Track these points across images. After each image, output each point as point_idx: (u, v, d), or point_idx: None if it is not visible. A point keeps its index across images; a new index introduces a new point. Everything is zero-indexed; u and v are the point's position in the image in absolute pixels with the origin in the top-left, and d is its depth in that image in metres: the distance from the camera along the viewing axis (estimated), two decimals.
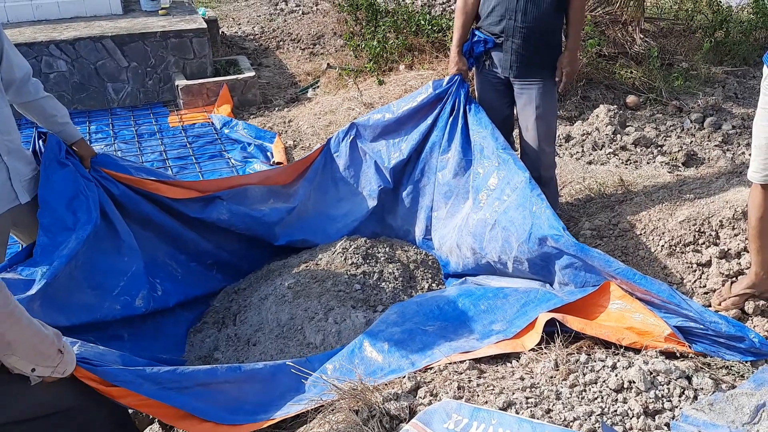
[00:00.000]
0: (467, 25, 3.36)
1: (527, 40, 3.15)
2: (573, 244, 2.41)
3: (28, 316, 1.59)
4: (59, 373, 1.74)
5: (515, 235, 2.70)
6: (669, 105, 5.29)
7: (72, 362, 1.79)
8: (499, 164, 3.03)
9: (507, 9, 3.13)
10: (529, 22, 3.11)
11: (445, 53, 6.30)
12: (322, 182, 3.51)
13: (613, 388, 1.86)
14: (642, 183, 3.80)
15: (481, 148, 3.16)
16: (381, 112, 3.48)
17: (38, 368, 1.66)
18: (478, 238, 2.96)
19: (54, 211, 2.49)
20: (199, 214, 3.11)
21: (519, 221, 2.72)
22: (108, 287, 2.65)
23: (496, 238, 2.83)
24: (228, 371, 2.18)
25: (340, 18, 7.99)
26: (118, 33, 6.14)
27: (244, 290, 3.21)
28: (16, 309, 1.53)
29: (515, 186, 2.88)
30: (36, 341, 1.60)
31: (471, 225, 3.04)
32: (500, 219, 2.84)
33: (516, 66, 3.22)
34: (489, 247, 2.89)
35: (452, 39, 3.38)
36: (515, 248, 2.70)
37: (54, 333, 1.69)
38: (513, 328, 2.23)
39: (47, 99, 2.58)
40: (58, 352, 1.70)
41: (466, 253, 3.08)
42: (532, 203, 2.70)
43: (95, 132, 5.76)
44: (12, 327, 1.51)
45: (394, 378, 2.07)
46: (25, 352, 1.58)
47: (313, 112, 5.95)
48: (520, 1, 3.09)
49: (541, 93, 3.24)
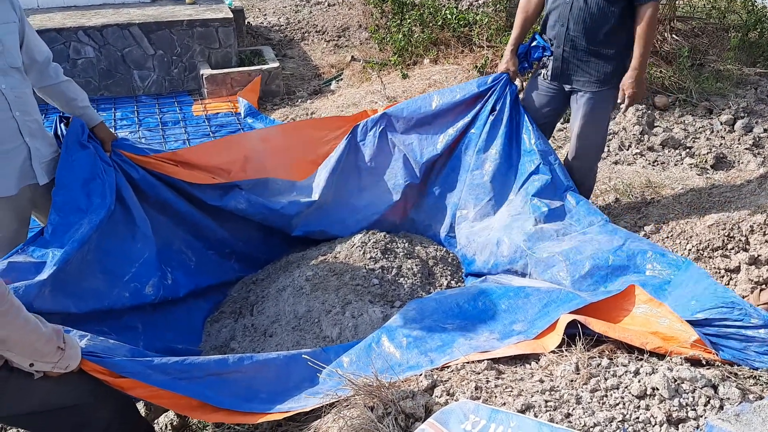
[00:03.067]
0: (526, 26, 3.26)
1: (577, 49, 3.03)
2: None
3: (25, 315, 1.58)
4: (61, 368, 1.73)
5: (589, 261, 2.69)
6: (699, 106, 5.17)
7: (76, 357, 1.78)
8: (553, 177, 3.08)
9: (560, 15, 3.02)
10: (581, 32, 2.97)
11: (471, 48, 6.24)
12: (345, 170, 3.43)
13: (635, 394, 1.81)
14: (669, 185, 3.72)
15: (533, 156, 3.13)
16: (416, 103, 3.38)
17: (37, 363, 1.65)
18: (525, 241, 2.91)
19: (68, 191, 2.48)
20: (218, 202, 3.09)
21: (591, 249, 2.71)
22: (119, 273, 2.63)
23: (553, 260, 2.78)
24: (239, 360, 2.16)
25: (366, 10, 7.96)
26: (146, 21, 6.17)
27: (262, 281, 3.19)
28: (11, 308, 1.52)
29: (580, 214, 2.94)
30: (32, 339, 1.59)
31: (515, 230, 2.99)
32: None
33: (565, 75, 3.12)
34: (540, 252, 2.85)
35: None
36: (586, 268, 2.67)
37: (54, 330, 1.68)
38: (534, 329, 2.18)
39: (67, 83, 2.60)
40: (57, 349, 1.68)
41: (503, 251, 3.00)
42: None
43: (120, 119, 5.80)
44: (6, 326, 1.51)
45: (410, 375, 2.04)
46: (20, 349, 1.58)
47: (335, 104, 5.93)
48: (573, 9, 2.95)
49: (590, 105, 3.11)
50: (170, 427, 2.55)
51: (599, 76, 3.06)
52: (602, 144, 3.36)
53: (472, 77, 5.59)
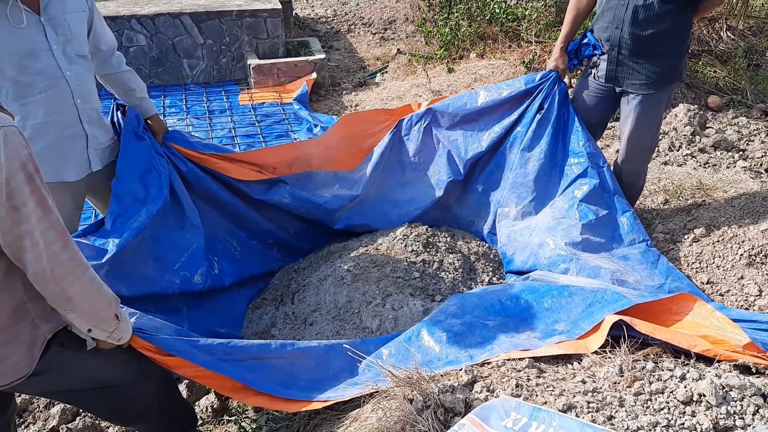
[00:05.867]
0: (577, 22, 3.18)
1: (634, 52, 2.95)
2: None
3: (92, 274, 1.62)
4: (114, 340, 1.77)
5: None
6: (754, 108, 5.01)
7: (128, 330, 1.82)
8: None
9: (615, 17, 2.93)
10: (637, 34, 2.89)
11: (518, 43, 6.16)
12: (389, 164, 3.43)
13: (681, 399, 1.76)
14: (721, 188, 3.61)
15: (581, 158, 3.10)
16: (461, 99, 3.35)
17: (94, 330, 1.69)
18: (569, 246, 2.90)
19: (128, 183, 2.57)
20: (262, 195, 3.14)
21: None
22: (169, 261, 2.72)
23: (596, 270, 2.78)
24: (282, 347, 2.19)
25: (413, 3, 7.93)
26: (196, 10, 6.26)
27: (303, 269, 3.22)
28: (79, 266, 1.56)
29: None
30: (94, 299, 1.63)
31: (559, 233, 2.96)
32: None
33: (620, 77, 3.04)
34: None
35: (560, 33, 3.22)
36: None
37: (113, 297, 1.72)
38: (577, 329, 2.15)
39: (128, 73, 2.67)
40: (114, 317, 1.72)
41: (545, 253, 2.95)
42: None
43: (169, 106, 5.91)
44: (74, 282, 1.55)
45: (450, 370, 2.03)
46: (83, 309, 1.61)
47: (380, 97, 5.93)
48: (629, 10, 2.86)
49: (642, 107, 3.03)
50: (210, 410, 2.60)
51: (652, 78, 2.98)
52: (653, 146, 3.29)
53: (519, 72, 5.52)
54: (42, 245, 1.46)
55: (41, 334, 1.67)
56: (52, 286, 1.51)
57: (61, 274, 1.51)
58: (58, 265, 1.50)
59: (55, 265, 1.49)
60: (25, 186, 1.41)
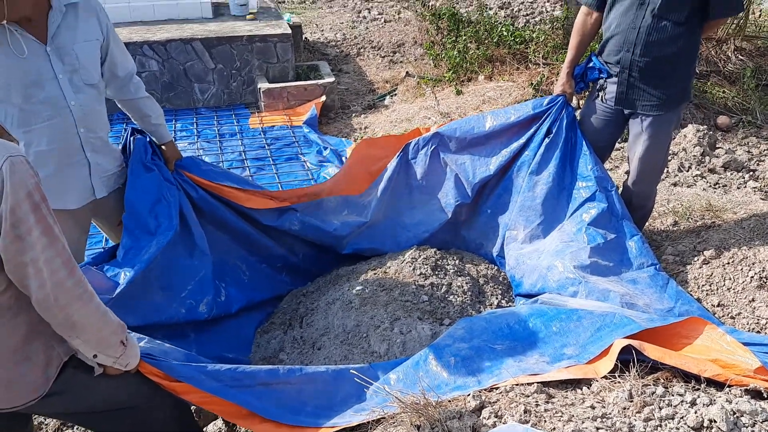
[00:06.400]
0: (583, 47, 3.21)
1: (646, 74, 2.95)
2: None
3: (97, 301, 1.63)
4: (121, 365, 1.77)
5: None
6: (764, 128, 5.00)
7: (135, 356, 1.83)
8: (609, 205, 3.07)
9: (626, 41, 2.93)
10: (649, 56, 2.90)
11: (526, 65, 6.20)
12: (397, 188, 3.44)
13: (691, 425, 1.75)
14: (731, 209, 3.59)
15: (589, 182, 3.10)
16: (469, 123, 3.35)
17: (100, 355, 1.69)
18: (577, 269, 2.89)
19: (138, 215, 2.59)
20: (272, 222, 3.17)
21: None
22: (176, 289, 2.72)
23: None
24: (290, 372, 2.19)
25: (422, 27, 8.00)
26: (207, 36, 6.36)
27: (311, 293, 3.23)
28: (84, 293, 1.57)
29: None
30: (100, 325, 1.64)
31: (567, 256, 2.96)
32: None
33: (631, 100, 3.04)
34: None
35: (565, 58, 3.24)
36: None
37: (119, 324, 1.72)
38: (586, 353, 2.13)
39: (146, 99, 2.68)
40: (120, 343, 1.73)
41: (553, 276, 2.94)
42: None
43: (180, 130, 5.98)
44: (79, 309, 1.56)
45: (458, 395, 2.02)
46: (88, 336, 1.62)
47: (389, 119, 5.97)
48: (641, 33, 2.87)
49: (653, 129, 3.03)
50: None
51: (663, 100, 2.98)
52: (663, 167, 3.29)
53: (527, 94, 5.55)
54: (46, 273, 1.47)
55: (56, 356, 1.68)
56: (56, 312, 1.53)
57: (66, 301, 1.52)
58: (62, 292, 1.51)
59: (59, 292, 1.50)
60: (30, 215, 1.42)
